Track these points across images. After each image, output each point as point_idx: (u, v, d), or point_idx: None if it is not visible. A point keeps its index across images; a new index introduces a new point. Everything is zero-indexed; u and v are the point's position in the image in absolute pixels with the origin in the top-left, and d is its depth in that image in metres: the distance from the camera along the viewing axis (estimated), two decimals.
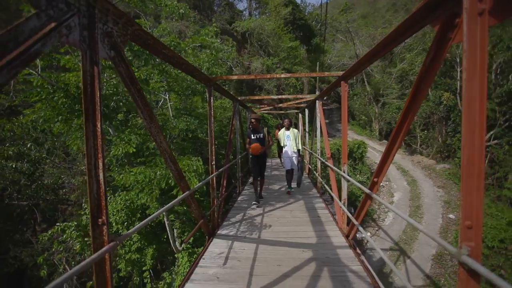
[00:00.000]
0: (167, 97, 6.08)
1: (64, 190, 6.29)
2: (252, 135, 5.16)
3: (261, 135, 5.19)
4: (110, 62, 1.78)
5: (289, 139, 5.70)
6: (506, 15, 1.08)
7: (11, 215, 8.55)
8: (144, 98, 1.93)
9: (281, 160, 9.14)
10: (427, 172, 18.55)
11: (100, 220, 1.44)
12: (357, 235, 13.02)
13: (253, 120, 5.18)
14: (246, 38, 22.78)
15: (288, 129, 5.78)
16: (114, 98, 4.16)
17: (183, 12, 5.72)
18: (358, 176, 16.91)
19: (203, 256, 3.20)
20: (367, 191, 2.56)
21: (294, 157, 5.71)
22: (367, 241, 12.89)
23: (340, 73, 3.50)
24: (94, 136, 1.42)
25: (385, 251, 11.91)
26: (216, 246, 3.49)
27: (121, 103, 4.33)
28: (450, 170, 17.63)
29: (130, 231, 1.70)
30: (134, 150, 4.03)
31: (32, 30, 1.07)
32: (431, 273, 10.09)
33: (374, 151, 23.15)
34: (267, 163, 7.08)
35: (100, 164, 1.43)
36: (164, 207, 2.26)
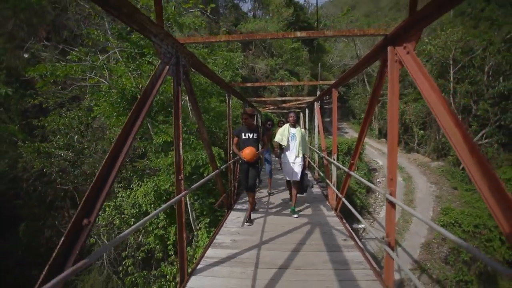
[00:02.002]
0: (186, 98, 7.12)
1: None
2: (242, 134, 4.04)
3: (255, 135, 4.06)
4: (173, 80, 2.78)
5: (294, 140, 4.34)
6: (407, 65, 2.08)
7: (44, 201, 9.65)
8: (196, 104, 2.95)
9: (280, 164, 7.60)
10: (422, 169, 19.50)
11: (180, 177, 2.47)
12: (354, 226, 14.05)
13: (245, 116, 4.04)
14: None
15: (294, 126, 4.40)
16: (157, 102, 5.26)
17: (199, 25, 6.76)
18: (355, 172, 17.89)
19: (225, 221, 4.23)
20: (346, 170, 3.56)
21: (297, 165, 4.30)
22: (363, 231, 13.91)
23: (331, 82, 4.50)
24: (177, 127, 2.44)
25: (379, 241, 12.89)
26: (234, 216, 4.52)
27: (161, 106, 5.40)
28: (444, 167, 18.56)
29: (196, 184, 2.74)
30: (171, 139, 5.08)
31: (161, 70, 2.09)
32: (419, 258, 11.11)
33: (372, 148, 24.12)
34: (268, 168, 6.50)
35: (180, 144, 2.45)
36: (206, 177, 3.29)
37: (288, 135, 4.38)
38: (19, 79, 10.81)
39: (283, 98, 9.28)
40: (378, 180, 19.26)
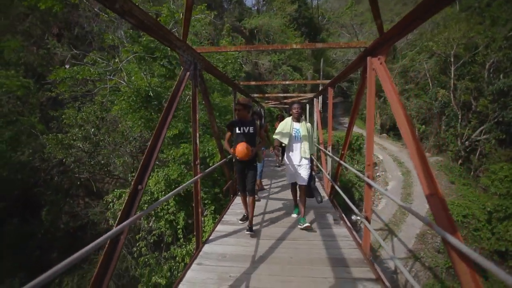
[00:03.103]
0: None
1: (110, 167, 7.95)
2: (236, 128, 3.43)
3: (251, 128, 3.44)
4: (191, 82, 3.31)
5: (298, 138, 3.59)
6: (378, 72, 2.58)
7: (61, 189, 10.33)
8: (209, 102, 3.48)
9: (277, 159, 7.14)
10: None
11: (196, 161, 3.02)
12: (352, 218, 14.63)
13: (238, 107, 3.42)
14: (254, 35, 24.07)
15: (298, 120, 3.66)
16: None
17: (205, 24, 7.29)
18: (355, 165, 18.40)
19: (232, 204, 4.81)
20: (337, 159, 4.08)
21: (303, 168, 3.58)
22: (360, 222, 14.47)
23: (327, 81, 4.99)
24: (195, 122, 2.97)
25: (376, 231, 13.48)
26: (239, 200, 5.08)
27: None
28: (442, 162, 18.97)
29: (208, 170, 3.29)
30: (177, 132, 5.64)
31: (182, 77, 2.61)
32: (413, 248, 11.67)
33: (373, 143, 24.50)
34: (259, 169, 5.44)
35: (197, 135, 2.99)
36: (216, 164, 3.83)
37: (291, 132, 3.58)
38: (35, 73, 11.39)
39: (285, 95, 9.75)
40: (377, 174, 19.75)
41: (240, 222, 3.88)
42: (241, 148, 3.20)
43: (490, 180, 11.81)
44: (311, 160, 3.76)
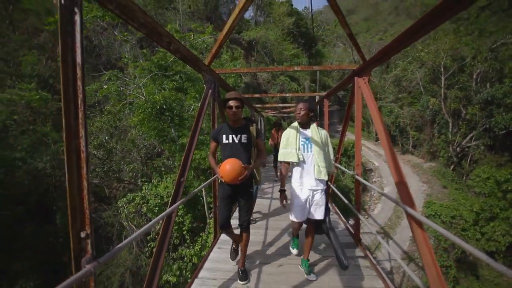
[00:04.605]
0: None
1: (120, 173, 8.48)
2: (223, 137, 2.54)
3: (244, 137, 2.51)
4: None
5: (309, 150, 2.54)
6: (363, 90, 3.21)
7: None
8: (224, 114, 4.10)
9: (276, 172, 6.74)
10: (415, 169, 20.63)
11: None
12: (350, 223, 15.16)
13: (231, 103, 2.44)
14: (252, 46, 25.01)
15: (306, 125, 2.61)
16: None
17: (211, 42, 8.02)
18: (352, 172, 19.03)
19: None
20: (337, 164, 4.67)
21: (319, 192, 2.52)
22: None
23: (324, 93, 5.65)
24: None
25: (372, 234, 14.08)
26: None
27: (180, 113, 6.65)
28: (436, 168, 19.68)
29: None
30: (185, 140, 6.23)
31: (206, 93, 3.23)
32: (408, 250, 12.22)
33: (369, 150, 25.25)
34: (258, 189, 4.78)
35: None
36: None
37: (297, 143, 2.51)
38: (46, 85, 12.00)
39: (284, 105, 10.42)
40: (373, 180, 20.38)
41: (233, 263, 2.87)
42: (229, 167, 2.21)
43: (475, 182, 12.49)
44: (327, 185, 2.62)
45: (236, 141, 2.50)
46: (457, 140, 19.19)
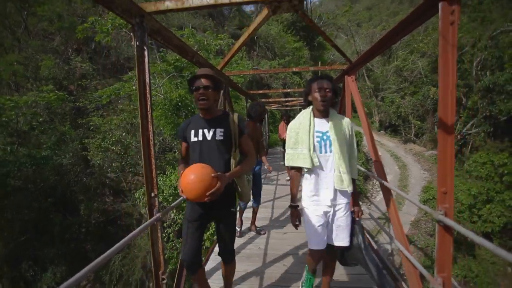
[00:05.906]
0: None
1: (136, 167, 9.19)
2: (192, 133, 1.82)
3: (220, 133, 1.77)
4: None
5: (327, 147, 1.77)
6: (351, 87, 3.77)
7: (89, 189, 11.61)
8: (231, 106, 4.70)
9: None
10: (417, 158, 21.08)
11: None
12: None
13: (197, 84, 1.72)
14: (254, 41, 25.35)
15: (325, 114, 1.82)
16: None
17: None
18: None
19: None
20: None
21: (341, 209, 1.83)
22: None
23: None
24: None
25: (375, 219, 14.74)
26: None
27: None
28: (436, 155, 20.04)
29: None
30: None
31: (223, 93, 3.84)
32: (408, 233, 12.81)
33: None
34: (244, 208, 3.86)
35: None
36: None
37: (311, 140, 1.77)
38: (61, 86, 12.73)
39: (287, 99, 10.96)
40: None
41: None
42: (194, 178, 1.52)
43: (472, 167, 12.96)
44: (354, 198, 1.96)
45: (209, 138, 1.77)
46: (458, 128, 19.52)
